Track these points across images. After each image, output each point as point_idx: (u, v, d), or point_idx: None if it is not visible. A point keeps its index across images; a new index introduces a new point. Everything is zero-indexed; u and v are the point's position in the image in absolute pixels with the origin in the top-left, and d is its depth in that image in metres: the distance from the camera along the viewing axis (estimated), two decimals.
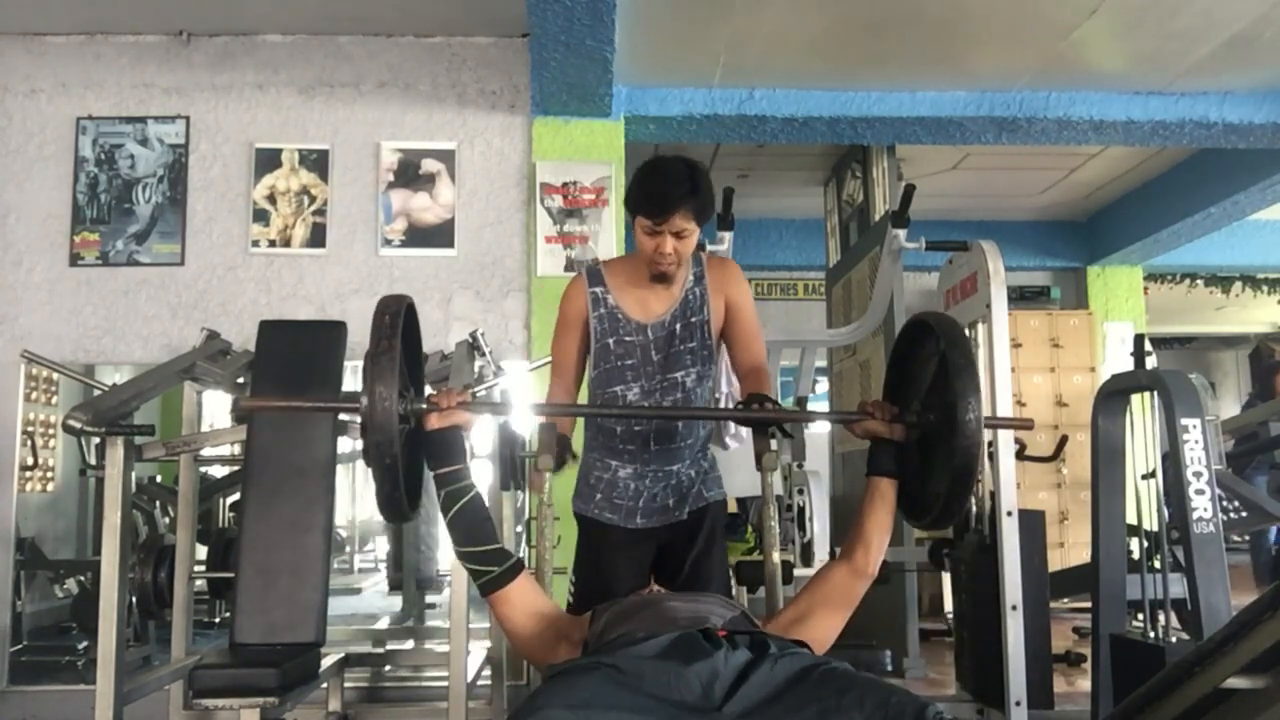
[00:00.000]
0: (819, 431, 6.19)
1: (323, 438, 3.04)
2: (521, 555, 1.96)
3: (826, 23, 3.96)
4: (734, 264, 2.49)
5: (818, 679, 1.48)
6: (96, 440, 2.93)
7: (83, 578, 4.58)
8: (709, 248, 3.55)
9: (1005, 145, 4.94)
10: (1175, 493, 3.10)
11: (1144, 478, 3.57)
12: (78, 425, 2.54)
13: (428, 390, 2.07)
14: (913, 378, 2.05)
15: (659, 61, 4.26)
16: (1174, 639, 3.20)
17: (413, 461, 1.89)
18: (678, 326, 2.32)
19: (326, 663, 3.08)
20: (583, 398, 2.49)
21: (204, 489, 4.32)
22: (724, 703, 1.44)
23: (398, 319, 1.75)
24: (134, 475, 2.76)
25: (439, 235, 4.30)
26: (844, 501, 5.67)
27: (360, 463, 5.04)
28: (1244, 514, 4.56)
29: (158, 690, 3.08)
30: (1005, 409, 3.18)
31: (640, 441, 2.33)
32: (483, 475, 3.42)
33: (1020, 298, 6.88)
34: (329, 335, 3.28)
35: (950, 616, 4.63)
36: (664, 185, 2.15)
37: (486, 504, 1.92)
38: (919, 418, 1.96)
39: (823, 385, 6.48)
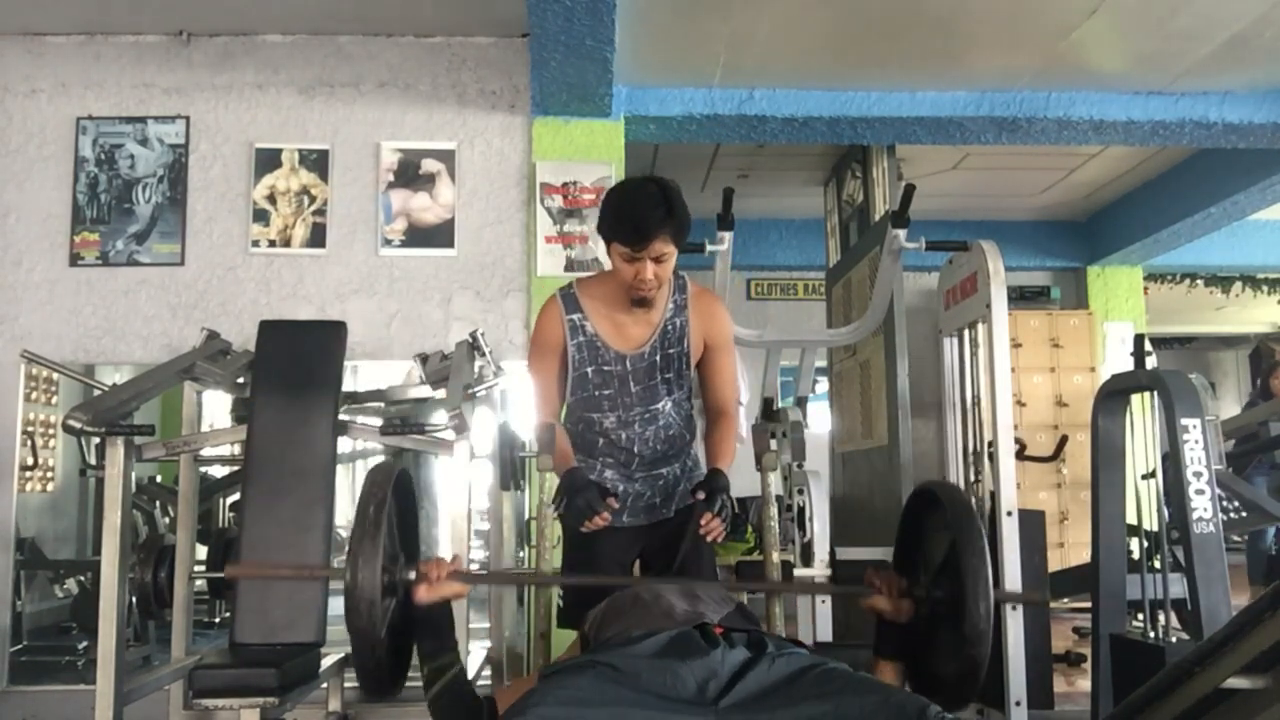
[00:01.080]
0: (819, 432, 6.18)
1: (323, 438, 3.04)
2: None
3: (826, 23, 3.96)
4: (719, 301, 2.41)
5: (816, 678, 1.48)
6: (96, 440, 2.93)
7: (83, 578, 4.57)
8: (709, 248, 3.54)
9: (1005, 145, 4.93)
10: (1175, 493, 3.09)
11: (1144, 478, 3.57)
12: (78, 425, 2.54)
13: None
14: (920, 548, 1.99)
15: (659, 61, 4.26)
16: (1174, 639, 3.19)
17: (400, 632, 1.83)
18: (658, 358, 2.28)
19: (326, 663, 3.08)
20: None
21: (204, 489, 4.31)
22: (720, 698, 1.44)
23: (384, 504, 1.70)
24: (134, 475, 2.76)
25: (439, 235, 4.30)
26: (844, 501, 5.67)
27: (360, 462, 5.05)
28: (1244, 514, 4.55)
29: (158, 690, 3.08)
30: (1005, 409, 3.17)
31: (624, 457, 2.34)
32: (482, 476, 3.42)
33: (1020, 298, 6.88)
34: (329, 335, 3.28)
35: None
36: (639, 212, 2.08)
37: (469, 678, 1.88)
38: (927, 592, 1.89)
39: (823, 385, 6.48)
